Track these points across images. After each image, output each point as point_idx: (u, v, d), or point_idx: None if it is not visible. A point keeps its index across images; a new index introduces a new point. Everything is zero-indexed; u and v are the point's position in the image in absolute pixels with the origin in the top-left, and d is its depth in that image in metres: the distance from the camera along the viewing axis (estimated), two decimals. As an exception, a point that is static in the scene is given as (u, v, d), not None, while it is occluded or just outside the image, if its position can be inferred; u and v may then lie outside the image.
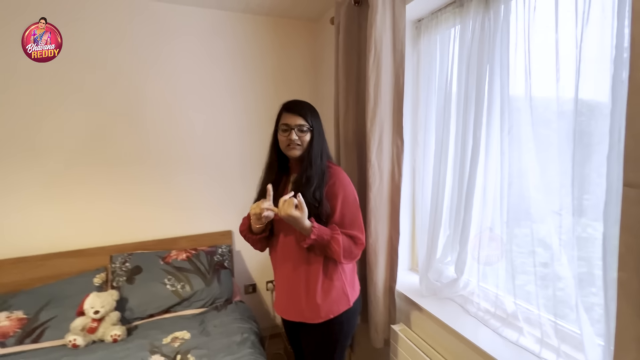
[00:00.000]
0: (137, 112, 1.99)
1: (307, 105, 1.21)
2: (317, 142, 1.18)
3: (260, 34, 2.22)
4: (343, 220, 1.19)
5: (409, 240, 1.71)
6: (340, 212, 1.18)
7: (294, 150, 1.16)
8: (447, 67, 1.38)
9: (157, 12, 1.97)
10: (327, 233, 1.13)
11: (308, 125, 1.16)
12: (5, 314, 1.57)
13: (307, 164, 1.15)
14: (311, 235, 1.10)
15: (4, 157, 1.74)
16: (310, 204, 1.11)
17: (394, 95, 1.45)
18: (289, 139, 1.15)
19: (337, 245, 1.13)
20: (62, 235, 1.87)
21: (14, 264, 1.76)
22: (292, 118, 1.15)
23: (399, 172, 1.47)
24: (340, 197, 1.18)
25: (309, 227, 1.09)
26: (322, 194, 1.16)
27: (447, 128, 1.39)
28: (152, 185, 2.05)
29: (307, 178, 1.14)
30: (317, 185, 1.14)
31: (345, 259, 1.17)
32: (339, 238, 1.13)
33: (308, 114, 1.18)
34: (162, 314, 1.77)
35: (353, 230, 1.19)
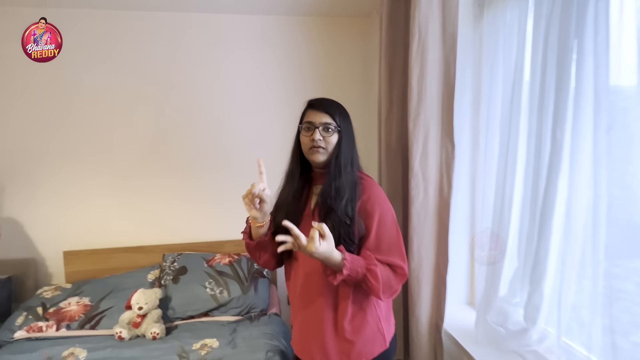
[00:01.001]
0: (193, 119, 2.10)
1: (335, 103, 1.03)
2: (347, 146, 0.99)
3: (310, 36, 2.14)
4: (379, 245, 0.96)
5: (465, 268, 1.38)
6: (376, 234, 0.96)
7: (317, 154, 0.96)
8: (518, 50, 1.06)
9: (209, 23, 2.06)
10: (361, 265, 0.91)
11: (335, 125, 0.97)
12: (76, 299, 1.79)
13: (335, 171, 0.96)
14: (343, 270, 0.88)
15: (86, 161, 2.02)
16: (341, 221, 0.92)
17: (443, 89, 1.18)
18: (312, 139, 0.96)
19: (374, 280, 0.90)
20: (127, 232, 2.08)
21: (90, 255, 2.01)
22: (316, 115, 0.98)
23: (448, 183, 1.19)
24: (376, 216, 0.96)
25: (340, 260, 0.88)
26: (355, 209, 0.95)
27: (517, 127, 1.06)
28: (205, 188, 2.14)
29: (337, 189, 0.95)
30: (350, 197, 0.95)
31: (385, 294, 0.94)
32: (376, 271, 0.90)
33: (336, 113, 0.99)
34: (201, 316, 1.80)
35: (392, 257, 0.96)
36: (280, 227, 0.92)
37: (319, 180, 1.03)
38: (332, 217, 0.94)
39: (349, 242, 0.94)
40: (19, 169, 1.96)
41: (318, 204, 0.98)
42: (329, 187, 0.96)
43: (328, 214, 0.94)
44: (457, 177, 1.19)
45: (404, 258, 0.98)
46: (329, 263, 0.90)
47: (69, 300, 1.77)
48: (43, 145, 1.97)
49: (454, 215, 1.19)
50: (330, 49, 2.16)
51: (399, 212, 1.40)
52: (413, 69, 1.18)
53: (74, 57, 1.95)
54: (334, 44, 2.16)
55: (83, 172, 2.02)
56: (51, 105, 1.96)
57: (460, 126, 1.15)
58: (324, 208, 0.95)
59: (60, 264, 2.02)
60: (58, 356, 1.47)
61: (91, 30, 1.96)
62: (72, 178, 2.01)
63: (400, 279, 0.97)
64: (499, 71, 1.15)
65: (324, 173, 1.00)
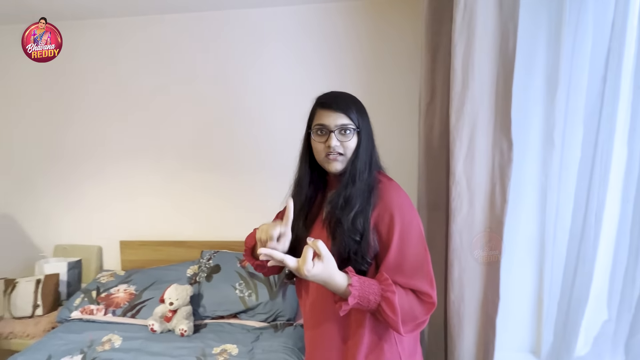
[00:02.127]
0: (233, 118, 2.09)
1: (350, 97, 0.86)
2: (366, 147, 0.82)
3: (353, 22, 1.94)
4: (401, 265, 0.77)
5: (530, 307, 1.04)
6: (398, 251, 0.77)
7: (334, 162, 0.81)
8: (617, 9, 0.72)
9: (247, 19, 2.01)
10: (374, 291, 0.73)
11: (354, 126, 0.81)
12: (125, 286, 1.92)
13: (348, 179, 0.81)
14: (349, 298, 0.71)
15: (140, 160, 2.16)
16: (350, 237, 0.76)
17: (497, 70, 0.89)
18: (327, 145, 0.80)
19: (391, 311, 0.72)
20: (172, 227, 2.17)
21: (140, 246, 2.16)
22: (330, 116, 0.81)
23: (502, 194, 0.90)
24: (397, 229, 0.77)
25: (345, 286, 0.72)
26: (367, 221, 0.78)
27: (610, 119, 0.72)
28: (244, 187, 2.12)
29: (346, 198, 0.79)
30: (360, 208, 0.78)
31: (406, 327, 0.75)
32: (393, 300, 0.72)
33: (353, 110, 0.82)
34: (230, 318, 1.78)
35: (417, 281, 0.77)
36: None
37: (334, 185, 0.87)
38: (339, 231, 0.78)
39: (360, 261, 0.77)
40: (89, 165, 2.20)
41: (326, 214, 0.82)
42: (337, 196, 0.81)
43: (335, 227, 0.79)
44: (516, 186, 0.88)
45: (432, 282, 0.78)
46: (332, 288, 0.73)
47: (119, 287, 1.91)
48: (106, 144, 2.17)
49: (511, 237, 0.89)
50: (372, 35, 1.93)
51: (441, 227, 1.13)
52: (457, 46, 0.91)
53: (129, 62, 2.09)
54: (376, 29, 1.92)
55: (138, 169, 2.17)
56: (113, 105, 2.15)
57: (522, 118, 0.84)
58: (332, 219, 0.80)
59: (118, 252, 2.21)
60: (99, 340, 1.57)
61: (142, 36, 2.08)
62: (129, 174, 2.18)
63: (427, 308, 0.77)
64: (586, 41, 0.81)
65: (339, 178, 0.84)
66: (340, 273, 0.73)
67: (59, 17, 2.03)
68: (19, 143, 2.23)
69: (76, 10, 1.95)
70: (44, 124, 2.20)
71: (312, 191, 0.89)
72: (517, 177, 0.91)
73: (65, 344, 1.54)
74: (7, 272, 2.10)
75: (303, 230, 0.85)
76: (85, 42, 2.11)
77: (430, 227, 1.18)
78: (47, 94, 2.18)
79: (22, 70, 2.16)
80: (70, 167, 2.21)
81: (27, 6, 1.88)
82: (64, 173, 2.21)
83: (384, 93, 1.93)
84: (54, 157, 2.21)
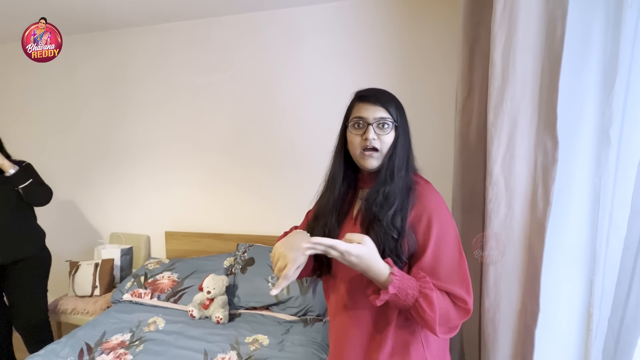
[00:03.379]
0: (269, 117, 2.14)
1: (389, 93, 0.85)
2: (403, 145, 0.81)
3: (389, 15, 1.89)
4: (437, 268, 0.75)
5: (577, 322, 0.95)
6: (434, 254, 0.75)
7: (370, 159, 0.80)
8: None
9: (284, 18, 2.04)
10: (412, 286, 0.71)
11: (392, 120, 0.80)
12: (168, 273, 2.07)
13: (386, 174, 0.79)
14: (389, 287, 0.70)
15: (183, 157, 2.30)
16: (387, 233, 0.75)
17: (542, 62, 0.82)
18: (364, 138, 0.79)
19: (429, 307, 0.70)
20: (211, 220, 2.30)
21: (183, 237, 2.31)
22: (369, 109, 0.80)
23: (545, 196, 0.83)
24: (434, 232, 0.76)
25: (387, 274, 0.71)
26: (405, 220, 0.77)
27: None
28: (279, 184, 2.17)
29: (386, 195, 0.78)
30: (400, 206, 0.77)
31: (441, 328, 0.73)
32: (432, 296, 0.70)
33: (392, 105, 0.81)
34: (262, 309, 1.84)
35: (452, 285, 0.75)
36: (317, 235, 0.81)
37: (366, 183, 0.87)
38: (376, 228, 0.77)
39: (395, 259, 0.76)
40: (139, 161, 2.39)
41: (361, 210, 0.82)
42: (375, 193, 0.79)
43: (372, 223, 0.78)
44: (563, 189, 0.81)
45: (468, 288, 0.75)
46: (372, 275, 0.72)
47: (163, 274, 2.06)
48: (153, 142, 2.34)
49: (555, 243, 0.82)
50: (409, 29, 1.86)
51: (477, 229, 1.07)
52: (496, 37, 0.84)
53: (175, 64, 2.23)
54: (413, 22, 1.85)
55: (182, 166, 2.32)
56: (160, 106, 2.31)
57: (571, 114, 0.76)
58: (368, 216, 0.79)
59: (164, 242, 2.39)
60: (145, 322, 1.72)
61: (186, 40, 2.20)
62: (174, 170, 2.33)
63: (462, 314, 0.74)
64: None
65: (373, 175, 0.84)
66: (382, 261, 0.72)
67: (116, 25, 2.23)
68: (82, 140, 2.48)
69: (130, 18, 2.12)
70: (102, 123, 2.42)
71: (345, 187, 0.88)
72: (564, 178, 0.83)
73: (117, 322, 1.70)
74: (71, 255, 2.36)
75: (335, 226, 0.85)
76: (137, 48, 2.29)
77: (465, 230, 1.12)
78: (104, 96, 2.40)
79: (85, 74, 2.40)
80: (124, 163, 2.42)
81: (90, 17, 2.08)
82: (119, 168, 2.43)
83: (420, 88, 1.87)
84: (111, 154, 2.43)
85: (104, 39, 2.33)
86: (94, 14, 2.05)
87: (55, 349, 1.47)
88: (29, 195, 1.71)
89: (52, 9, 1.94)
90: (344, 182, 0.87)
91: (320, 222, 0.87)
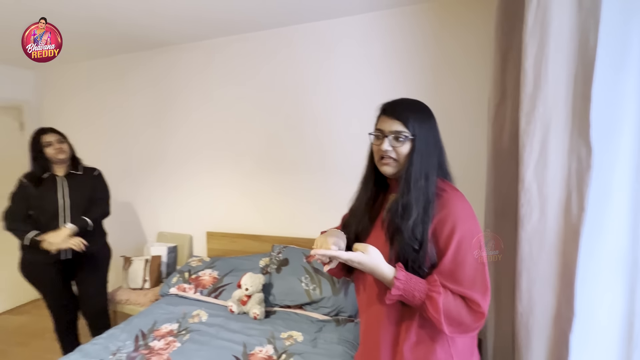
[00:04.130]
0: (303, 124, 2.25)
1: (411, 105, 0.89)
2: (421, 157, 0.85)
3: (420, 25, 1.92)
4: (455, 273, 0.80)
5: (618, 331, 0.94)
6: (453, 259, 0.80)
7: (386, 166, 0.87)
8: None
9: (315, 31, 2.14)
10: (420, 289, 0.79)
11: (407, 133, 0.84)
12: (210, 271, 2.23)
13: (403, 186, 0.84)
14: (392, 289, 0.79)
15: (222, 161, 2.47)
16: (408, 245, 0.81)
17: (575, 70, 0.84)
18: (380, 149, 0.87)
19: (433, 310, 0.77)
20: (248, 222, 2.43)
21: (222, 237, 2.47)
22: (387, 122, 0.87)
23: (579, 202, 0.84)
24: (456, 238, 0.80)
25: (390, 277, 0.80)
26: (427, 231, 0.81)
27: None
28: (312, 188, 2.26)
29: (404, 206, 0.83)
30: (419, 217, 0.81)
31: (451, 328, 0.79)
32: (437, 299, 0.77)
33: (409, 118, 0.85)
34: (296, 308, 1.92)
35: (467, 289, 0.79)
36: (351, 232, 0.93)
37: (394, 189, 0.93)
38: (398, 239, 0.83)
39: (417, 269, 0.82)
40: (183, 166, 2.59)
41: (385, 220, 0.88)
42: (395, 204, 0.85)
43: (395, 234, 0.84)
44: (600, 195, 0.81)
45: (484, 293, 0.79)
46: (378, 278, 0.82)
47: (205, 271, 2.22)
48: (196, 149, 2.54)
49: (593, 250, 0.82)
50: (440, 38, 1.88)
51: (510, 235, 1.08)
52: (528, 46, 0.87)
53: (215, 77, 2.41)
54: (444, 31, 1.87)
55: (221, 170, 2.48)
56: (202, 116, 2.50)
57: (609, 120, 0.77)
58: (392, 227, 0.85)
59: (205, 241, 2.56)
60: (190, 314, 1.87)
61: (226, 54, 2.37)
62: (214, 174, 2.50)
63: (475, 317, 0.78)
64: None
65: (397, 182, 0.89)
66: (388, 265, 0.81)
67: (164, 43, 2.45)
68: (134, 148, 2.74)
69: (176, 36, 2.33)
70: (151, 132, 2.66)
71: (376, 190, 0.96)
72: (601, 185, 0.83)
73: (166, 313, 1.87)
74: (125, 251, 2.61)
75: (367, 224, 0.93)
76: (182, 63, 2.51)
77: (498, 234, 1.13)
78: (152, 107, 2.64)
79: (136, 89, 2.66)
80: (170, 169, 2.64)
81: (141, 36, 2.31)
82: (166, 172, 2.65)
83: (452, 96, 1.88)
84: (158, 160, 2.67)
85: (152, 56, 2.58)
86: (147, 34, 2.28)
87: (115, 334, 1.65)
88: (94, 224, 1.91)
89: (115, 32, 2.19)
90: (375, 185, 0.95)
91: (354, 219, 0.96)
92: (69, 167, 1.91)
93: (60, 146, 1.85)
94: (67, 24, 2.03)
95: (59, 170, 1.88)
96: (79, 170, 1.94)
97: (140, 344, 1.58)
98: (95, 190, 1.97)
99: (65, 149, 1.88)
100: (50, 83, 2.99)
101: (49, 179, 1.85)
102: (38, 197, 1.80)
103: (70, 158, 1.92)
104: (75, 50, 2.53)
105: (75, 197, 1.87)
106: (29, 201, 1.80)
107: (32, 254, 1.80)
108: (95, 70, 2.79)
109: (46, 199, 1.81)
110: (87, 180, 1.95)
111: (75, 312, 2.04)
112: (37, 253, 1.76)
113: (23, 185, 1.83)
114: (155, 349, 1.54)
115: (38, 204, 1.81)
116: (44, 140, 1.84)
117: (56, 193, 1.84)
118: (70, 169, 1.91)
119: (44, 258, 1.79)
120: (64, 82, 2.93)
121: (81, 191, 1.90)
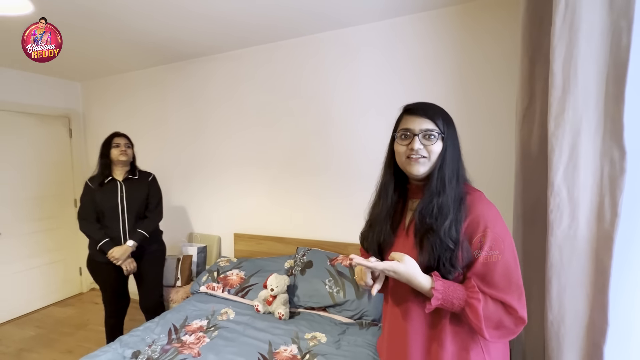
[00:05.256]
0: (326, 130, 2.29)
1: (437, 107, 0.90)
2: (452, 156, 0.85)
3: (446, 29, 1.92)
4: (488, 276, 0.79)
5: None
6: (486, 263, 0.79)
7: (416, 164, 0.84)
8: None
9: (340, 38, 2.19)
10: (459, 296, 0.78)
11: (439, 131, 0.83)
12: (237, 271, 2.31)
13: (437, 185, 0.82)
14: (432, 300, 0.79)
15: (250, 165, 2.56)
16: (443, 243, 0.80)
17: (607, 71, 0.82)
18: (410, 148, 0.84)
19: (474, 316, 0.77)
20: (274, 224, 2.50)
21: (249, 239, 2.55)
22: (415, 121, 0.85)
23: (613, 207, 0.81)
24: (489, 240, 0.79)
25: (427, 287, 0.79)
26: (460, 231, 0.80)
27: None
28: (335, 192, 2.30)
29: (440, 206, 0.81)
30: (455, 217, 0.80)
31: (491, 332, 0.78)
32: (477, 306, 0.76)
33: (439, 117, 0.85)
34: (320, 310, 1.95)
35: (504, 294, 0.78)
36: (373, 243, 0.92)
37: (416, 194, 0.91)
38: (431, 239, 0.81)
39: (449, 268, 0.81)
40: (214, 171, 2.72)
41: (414, 221, 0.87)
42: (429, 204, 0.82)
43: (426, 234, 0.83)
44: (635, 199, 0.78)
45: (520, 298, 0.78)
46: (415, 287, 0.81)
47: (232, 271, 2.30)
48: (225, 154, 2.65)
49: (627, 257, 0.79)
50: (466, 41, 1.87)
51: (540, 239, 1.05)
52: (556, 49, 0.85)
53: (245, 86, 2.52)
54: (470, 34, 1.86)
55: (249, 174, 2.58)
56: (232, 123, 2.61)
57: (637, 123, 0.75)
58: (422, 227, 0.83)
59: (232, 243, 2.66)
60: (219, 311, 1.95)
61: (254, 63, 2.48)
62: (242, 178, 2.60)
63: (516, 321, 0.78)
64: None
65: (422, 186, 0.88)
66: (424, 275, 0.80)
67: (196, 54, 2.60)
68: (170, 155, 2.90)
69: (208, 48, 2.47)
70: (186, 139, 2.82)
71: (396, 196, 0.93)
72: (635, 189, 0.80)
73: (196, 310, 1.96)
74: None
75: (389, 234, 0.91)
76: (214, 73, 2.64)
77: (527, 240, 1.11)
78: (186, 115, 2.79)
79: (172, 99, 2.83)
80: (200, 173, 2.77)
81: (178, 48, 2.47)
82: (197, 177, 2.79)
83: (479, 99, 1.85)
84: (190, 166, 2.81)
85: (185, 66, 2.73)
86: (182, 46, 2.42)
87: (150, 327, 1.76)
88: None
89: (150, 42, 2.36)
90: (395, 192, 0.93)
91: (375, 229, 0.93)
92: (128, 172, 2.08)
93: (126, 150, 2.03)
94: (111, 39, 2.22)
95: (118, 174, 2.06)
96: (136, 174, 2.11)
97: (173, 338, 1.68)
98: (149, 193, 2.12)
99: (129, 154, 2.06)
100: (95, 93, 3.25)
101: (110, 182, 2.02)
102: (101, 199, 1.98)
103: (129, 163, 2.09)
104: (117, 63, 2.74)
105: (131, 200, 2.03)
106: (95, 202, 1.98)
107: (99, 256, 1.98)
108: (134, 81, 3.00)
109: (108, 201, 1.99)
110: (143, 183, 2.11)
111: (126, 308, 2.18)
112: (103, 256, 1.96)
113: (89, 187, 2.01)
114: (187, 343, 1.62)
115: (101, 205, 1.99)
116: (115, 141, 2.03)
117: (117, 196, 2.01)
118: (128, 173, 2.07)
119: (108, 260, 1.96)
120: (107, 93, 3.17)
121: (137, 194, 2.06)
